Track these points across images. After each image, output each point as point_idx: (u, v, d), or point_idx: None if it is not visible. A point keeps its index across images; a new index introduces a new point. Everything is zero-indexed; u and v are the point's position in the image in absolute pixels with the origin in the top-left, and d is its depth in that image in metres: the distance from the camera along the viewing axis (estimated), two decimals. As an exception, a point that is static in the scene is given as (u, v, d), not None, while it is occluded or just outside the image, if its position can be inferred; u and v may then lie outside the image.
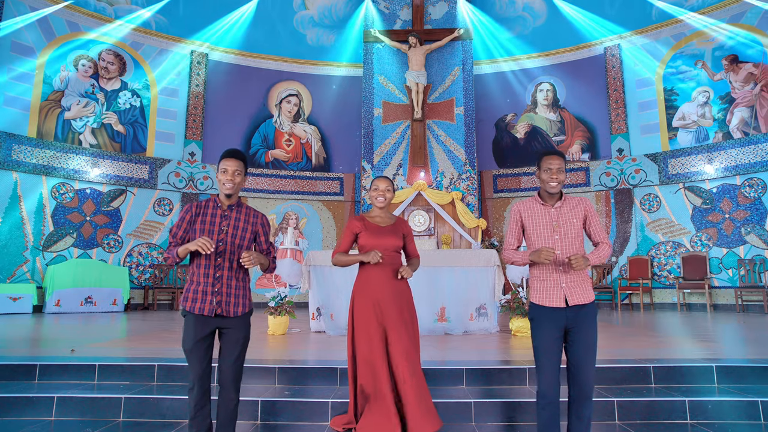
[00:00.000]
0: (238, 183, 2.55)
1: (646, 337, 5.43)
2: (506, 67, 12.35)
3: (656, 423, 3.18)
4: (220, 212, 2.57)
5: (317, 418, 3.23)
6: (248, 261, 2.40)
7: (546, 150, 2.66)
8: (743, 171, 9.49)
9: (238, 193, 2.62)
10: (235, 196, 2.61)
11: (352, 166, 12.25)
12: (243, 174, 2.57)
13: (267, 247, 2.69)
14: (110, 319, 8.08)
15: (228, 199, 2.59)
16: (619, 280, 10.40)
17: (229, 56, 11.99)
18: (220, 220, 2.56)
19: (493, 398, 3.33)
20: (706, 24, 10.18)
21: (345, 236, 3.08)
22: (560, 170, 2.53)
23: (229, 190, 2.54)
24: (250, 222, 2.62)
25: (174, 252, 2.48)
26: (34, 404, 3.31)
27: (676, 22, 10.54)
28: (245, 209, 2.64)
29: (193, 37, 11.54)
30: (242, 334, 2.55)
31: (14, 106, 9.44)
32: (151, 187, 10.72)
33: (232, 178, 2.52)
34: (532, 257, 2.49)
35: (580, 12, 11.45)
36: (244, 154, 2.64)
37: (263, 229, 2.67)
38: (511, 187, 11.74)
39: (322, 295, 6.00)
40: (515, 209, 2.68)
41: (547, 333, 2.48)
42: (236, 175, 2.53)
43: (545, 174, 2.55)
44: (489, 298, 5.96)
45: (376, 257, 2.83)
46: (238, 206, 2.62)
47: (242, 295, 2.57)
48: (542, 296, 2.54)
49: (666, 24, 10.69)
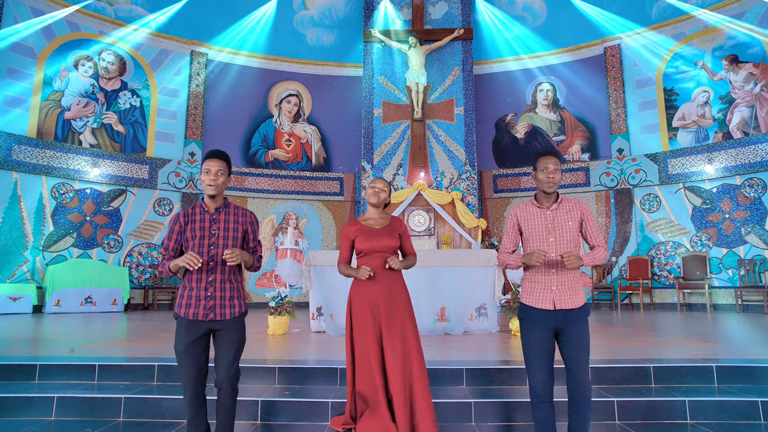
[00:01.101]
0: (222, 183, 2.53)
1: (646, 337, 5.43)
2: (506, 67, 12.35)
3: (656, 423, 3.18)
4: (208, 216, 2.55)
5: (317, 418, 3.23)
6: (231, 258, 2.39)
7: (542, 150, 2.68)
8: (743, 171, 9.49)
9: (222, 193, 2.60)
10: (219, 197, 2.59)
11: (352, 166, 12.24)
12: (227, 174, 2.56)
13: (254, 245, 2.66)
14: (110, 319, 8.08)
15: (213, 201, 2.57)
16: (619, 280, 10.40)
17: (229, 56, 11.98)
18: (209, 224, 2.54)
19: (493, 398, 3.33)
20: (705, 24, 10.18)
21: (343, 245, 3.10)
22: (556, 170, 2.54)
23: (212, 191, 2.52)
24: (240, 222, 2.59)
25: (167, 267, 2.49)
26: (34, 404, 3.31)
27: (676, 22, 10.55)
28: (233, 209, 2.61)
29: (194, 37, 11.54)
30: (236, 336, 2.53)
31: (14, 106, 9.44)
32: (151, 187, 10.72)
33: (215, 178, 2.51)
34: (524, 260, 2.52)
35: (579, 12, 11.45)
36: (227, 154, 2.61)
37: (252, 228, 2.64)
38: (511, 187, 11.74)
39: (322, 295, 6.00)
40: (512, 213, 2.70)
41: (536, 334, 2.50)
42: (219, 176, 2.52)
43: (542, 174, 2.56)
44: (489, 298, 5.96)
45: (365, 274, 2.87)
46: (226, 207, 2.60)
47: (236, 297, 2.56)
48: (532, 297, 2.56)
49: (666, 24, 10.69)
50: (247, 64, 12.13)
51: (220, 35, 11.78)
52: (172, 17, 11.27)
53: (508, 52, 12.28)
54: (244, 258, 2.49)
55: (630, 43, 11.17)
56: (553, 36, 11.83)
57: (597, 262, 2.55)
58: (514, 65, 12.28)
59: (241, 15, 11.82)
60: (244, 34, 11.94)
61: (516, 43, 12.18)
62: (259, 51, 12.16)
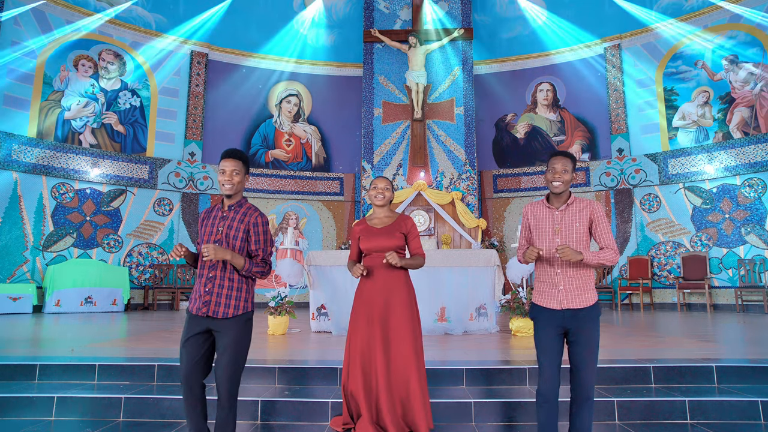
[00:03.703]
0: (238, 183, 2.52)
1: (646, 337, 5.43)
2: (506, 67, 12.35)
3: (656, 423, 3.18)
4: (221, 214, 2.57)
5: (317, 418, 3.23)
6: (205, 253, 2.35)
7: (555, 151, 2.68)
8: (743, 171, 9.49)
9: (240, 192, 2.59)
10: (236, 196, 2.58)
11: (352, 166, 12.24)
12: (243, 173, 2.54)
13: (255, 248, 2.55)
14: (110, 319, 8.07)
15: (229, 200, 2.58)
16: (619, 280, 10.40)
17: (229, 56, 11.98)
18: (219, 221, 2.55)
19: (493, 398, 3.32)
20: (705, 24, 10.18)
21: (352, 244, 3.16)
22: (565, 171, 2.51)
23: (229, 190, 2.52)
24: (243, 222, 2.53)
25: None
26: (34, 404, 3.31)
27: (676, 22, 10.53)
28: (243, 209, 2.57)
29: (194, 37, 11.54)
30: (230, 338, 2.42)
31: (14, 106, 9.44)
32: (151, 187, 10.71)
33: (230, 178, 2.50)
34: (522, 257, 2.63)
35: (580, 12, 11.45)
36: (244, 153, 2.61)
37: (254, 229, 2.53)
38: (511, 187, 11.74)
39: (324, 295, 6.00)
40: (525, 211, 2.73)
41: (546, 333, 2.50)
42: (234, 175, 2.50)
43: (549, 174, 2.56)
44: (489, 298, 5.96)
45: (357, 273, 2.90)
46: (238, 206, 2.58)
47: (234, 297, 2.47)
48: (541, 297, 2.56)
49: (666, 24, 10.68)
50: (247, 63, 12.13)
51: (221, 35, 11.77)
52: (172, 17, 11.27)
53: (508, 52, 12.27)
54: (224, 256, 2.39)
55: (630, 42, 11.16)
56: (553, 36, 11.83)
57: (603, 262, 2.47)
58: (514, 65, 12.28)
59: (242, 15, 11.83)
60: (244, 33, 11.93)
61: (516, 43, 12.18)
62: (259, 51, 12.15)
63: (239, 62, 12.07)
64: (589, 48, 11.63)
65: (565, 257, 2.38)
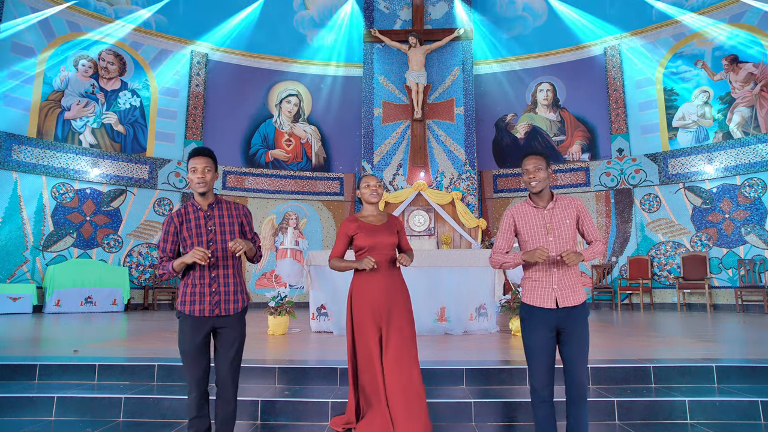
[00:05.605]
0: (210, 180, 2.55)
1: (646, 337, 5.43)
2: (506, 67, 12.35)
3: (656, 423, 3.18)
4: (202, 214, 2.57)
5: (317, 418, 3.23)
6: (236, 247, 2.43)
7: (525, 152, 2.70)
8: (743, 171, 9.48)
9: (212, 190, 2.62)
10: (209, 194, 2.60)
11: (352, 166, 12.24)
12: (213, 170, 2.57)
13: (252, 236, 2.70)
14: (110, 319, 8.07)
15: (204, 198, 2.59)
16: (619, 280, 10.40)
17: (229, 56, 11.98)
18: (205, 221, 2.55)
19: (492, 398, 3.33)
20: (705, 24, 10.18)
21: (339, 239, 3.07)
22: (538, 169, 2.54)
23: (202, 188, 2.53)
24: (234, 215, 2.62)
25: (169, 267, 2.49)
26: (34, 404, 3.31)
27: (676, 22, 10.53)
28: (225, 204, 2.64)
29: (194, 37, 11.54)
30: (238, 333, 2.56)
31: (14, 106, 9.44)
32: (151, 187, 10.71)
33: (203, 175, 2.52)
34: (526, 257, 2.49)
35: (580, 12, 11.45)
36: (210, 150, 2.61)
37: (246, 219, 2.68)
38: (511, 187, 11.74)
39: (324, 295, 6.00)
40: (508, 213, 2.69)
41: (538, 333, 2.50)
42: (207, 172, 2.53)
43: (525, 176, 2.60)
44: (489, 298, 5.96)
45: (370, 264, 2.83)
46: (218, 203, 2.62)
47: (240, 291, 2.58)
48: (533, 297, 2.56)
49: (666, 24, 10.68)
50: (247, 63, 12.12)
51: (221, 35, 11.77)
52: (172, 17, 11.27)
53: (509, 52, 12.27)
54: (248, 246, 2.51)
55: (630, 42, 11.16)
56: (553, 36, 11.82)
57: (596, 256, 2.56)
58: (514, 65, 12.27)
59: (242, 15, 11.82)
60: (244, 34, 11.93)
61: (516, 43, 12.17)
62: (259, 51, 12.15)
63: (239, 62, 12.06)
64: (589, 48, 11.63)
65: (572, 262, 2.40)
